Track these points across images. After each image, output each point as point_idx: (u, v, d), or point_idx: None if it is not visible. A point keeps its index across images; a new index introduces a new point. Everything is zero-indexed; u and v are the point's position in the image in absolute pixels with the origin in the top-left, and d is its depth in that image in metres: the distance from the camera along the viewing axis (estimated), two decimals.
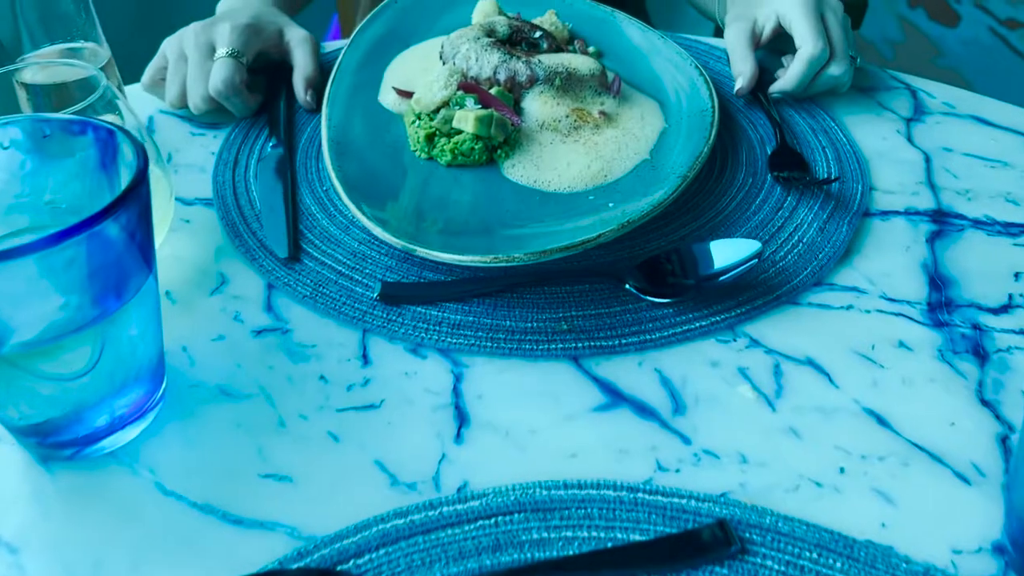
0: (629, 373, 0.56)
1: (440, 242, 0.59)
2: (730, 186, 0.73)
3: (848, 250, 0.66)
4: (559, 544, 0.45)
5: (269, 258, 0.65)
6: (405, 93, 0.78)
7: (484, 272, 0.61)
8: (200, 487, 0.49)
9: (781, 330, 0.59)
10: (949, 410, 0.54)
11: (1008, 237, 0.67)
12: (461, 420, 0.53)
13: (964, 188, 0.72)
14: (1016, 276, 0.63)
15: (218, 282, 0.63)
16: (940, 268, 0.64)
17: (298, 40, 0.83)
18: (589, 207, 0.67)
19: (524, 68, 0.76)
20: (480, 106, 0.73)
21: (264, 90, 0.84)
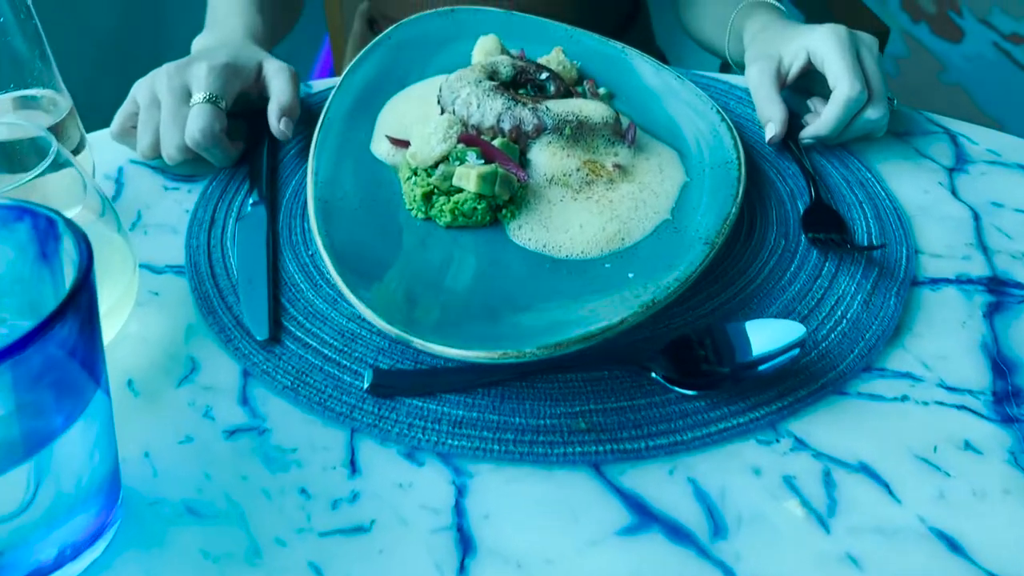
0: (659, 484, 0.49)
1: (440, 329, 0.52)
2: (761, 249, 0.65)
3: (898, 327, 0.59)
4: None
5: (246, 339, 0.57)
6: (400, 142, 0.71)
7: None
8: None
9: (829, 428, 0.52)
10: None
11: None
12: (465, 547, 0.45)
13: (1020, 251, 0.65)
14: None
15: (187, 369, 0.55)
16: (1003, 349, 0.57)
17: (275, 70, 0.76)
18: (606, 278, 0.60)
19: (530, 116, 0.69)
20: (483, 161, 0.66)
21: (246, 136, 0.77)
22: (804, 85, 0.80)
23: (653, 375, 0.54)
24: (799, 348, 0.52)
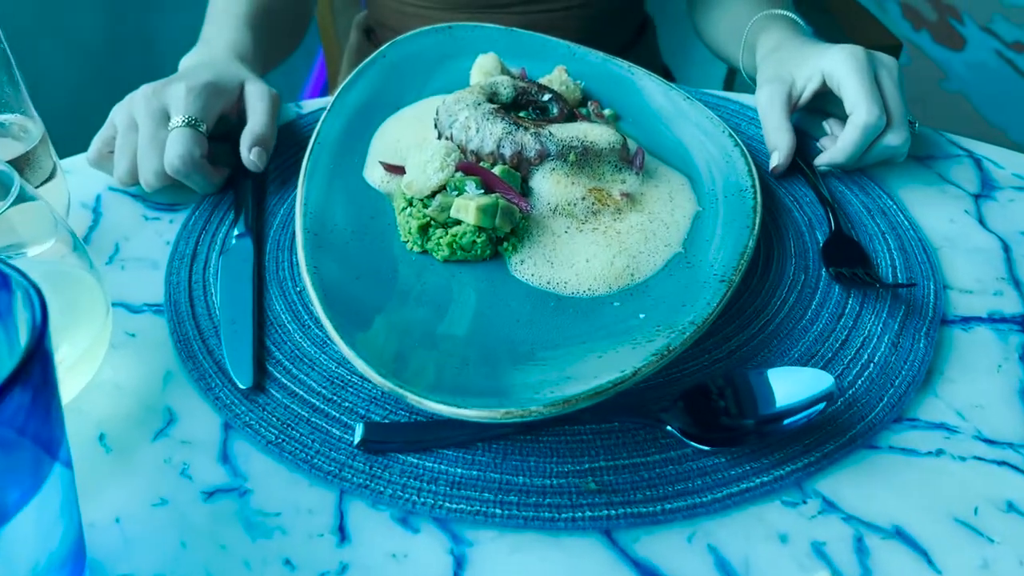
0: (677, 553, 0.44)
1: (437, 383, 0.48)
2: (779, 284, 0.61)
3: (929, 371, 0.55)
4: None
5: (228, 387, 0.53)
6: (395, 168, 0.67)
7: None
8: None
9: (860, 487, 0.48)
10: None
11: None
12: None
13: None
14: None
15: (164, 421, 0.51)
16: None
17: (255, 94, 0.71)
18: (615, 319, 0.55)
19: (533, 141, 0.65)
20: (482, 191, 0.62)
21: (231, 160, 0.72)
22: (819, 105, 0.76)
23: (668, 428, 0.50)
24: (825, 402, 0.47)
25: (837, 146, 0.68)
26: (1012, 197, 0.70)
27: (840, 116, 0.72)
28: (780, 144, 0.70)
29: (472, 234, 0.60)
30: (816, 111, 0.77)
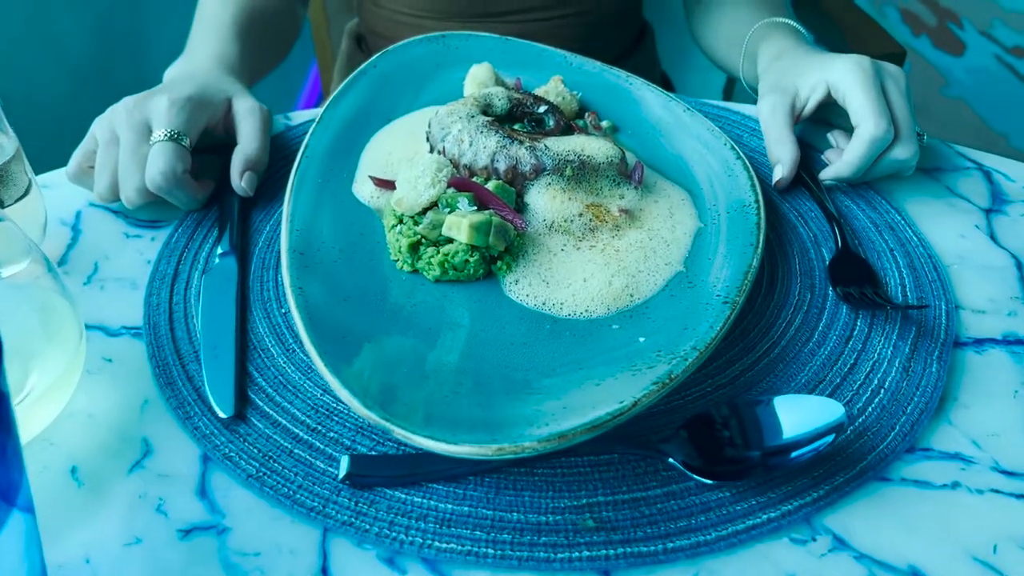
0: None
1: (427, 417, 0.45)
2: (784, 305, 0.59)
3: (942, 397, 0.52)
4: None
5: (207, 416, 0.51)
6: (385, 183, 0.65)
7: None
8: None
9: (871, 522, 0.45)
10: None
11: None
12: None
13: None
14: None
15: (140, 452, 0.49)
16: None
17: (244, 111, 0.69)
18: (613, 343, 0.53)
19: (528, 155, 0.62)
20: (475, 207, 0.59)
21: (217, 173, 0.70)
22: (823, 116, 0.74)
23: (670, 460, 0.47)
24: (836, 433, 0.45)
25: (843, 160, 0.66)
26: None
27: (845, 128, 0.70)
28: (783, 157, 0.68)
29: (464, 253, 0.57)
30: (820, 122, 0.75)
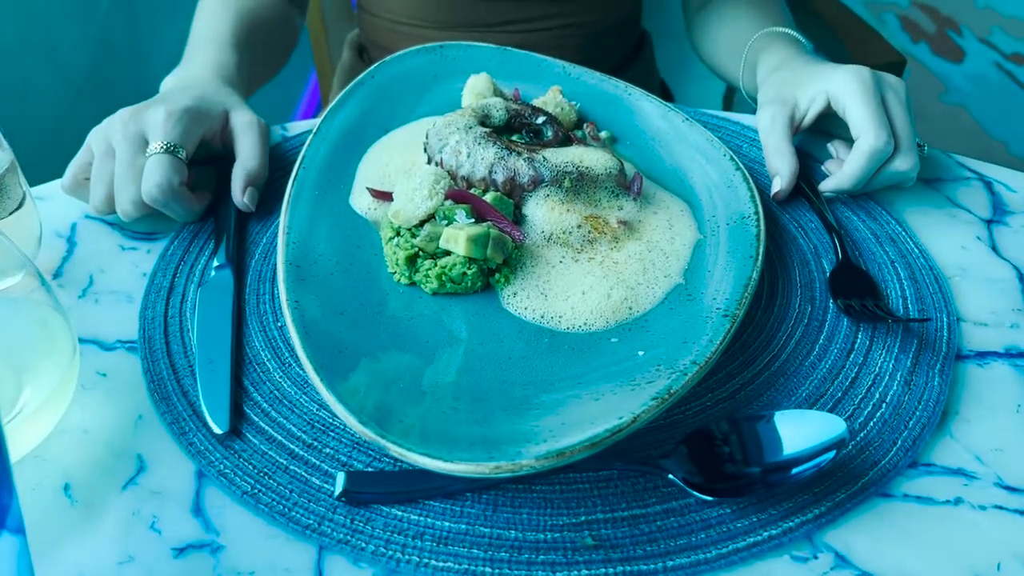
0: None
1: (423, 434, 0.44)
2: (785, 317, 0.59)
3: (944, 411, 0.52)
4: None
5: (202, 432, 0.50)
6: (382, 194, 0.64)
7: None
8: None
9: (874, 539, 0.45)
10: None
11: None
12: None
13: None
14: None
15: (135, 468, 0.48)
16: None
17: (242, 125, 0.68)
18: (613, 357, 0.53)
19: (526, 167, 0.62)
20: (473, 219, 0.59)
21: (214, 185, 0.70)
22: (823, 126, 0.73)
23: (670, 476, 0.47)
24: (837, 450, 0.44)
25: (843, 172, 0.65)
26: None
27: (845, 138, 0.70)
28: (782, 169, 0.67)
29: (462, 265, 0.57)
30: (820, 132, 0.74)
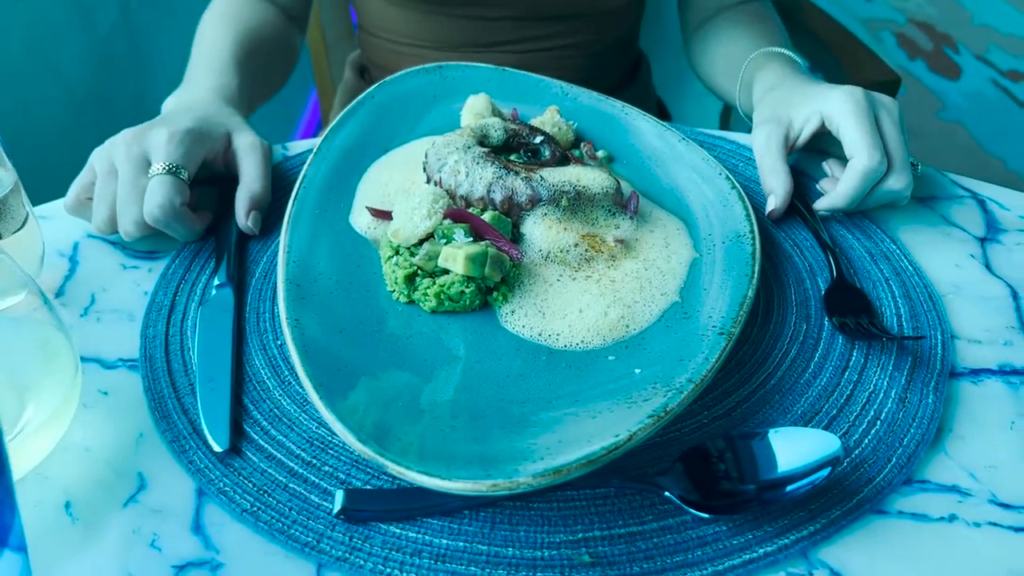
0: None
1: (422, 452, 0.45)
2: (780, 335, 0.59)
3: (939, 428, 0.52)
4: None
5: (202, 450, 0.50)
6: (382, 213, 0.65)
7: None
8: None
9: (869, 556, 0.45)
10: None
11: None
12: None
13: None
14: None
15: (135, 486, 0.49)
16: None
17: (245, 148, 0.69)
18: (610, 375, 0.53)
19: (524, 186, 0.63)
20: (471, 238, 0.59)
21: (215, 204, 0.70)
22: (818, 145, 0.74)
23: (667, 493, 0.47)
24: (831, 467, 0.45)
25: (837, 191, 0.66)
26: (1019, 240, 0.67)
27: (840, 156, 0.70)
28: (776, 188, 0.68)
29: (460, 284, 0.58)
30: (815, 151, 0.75)
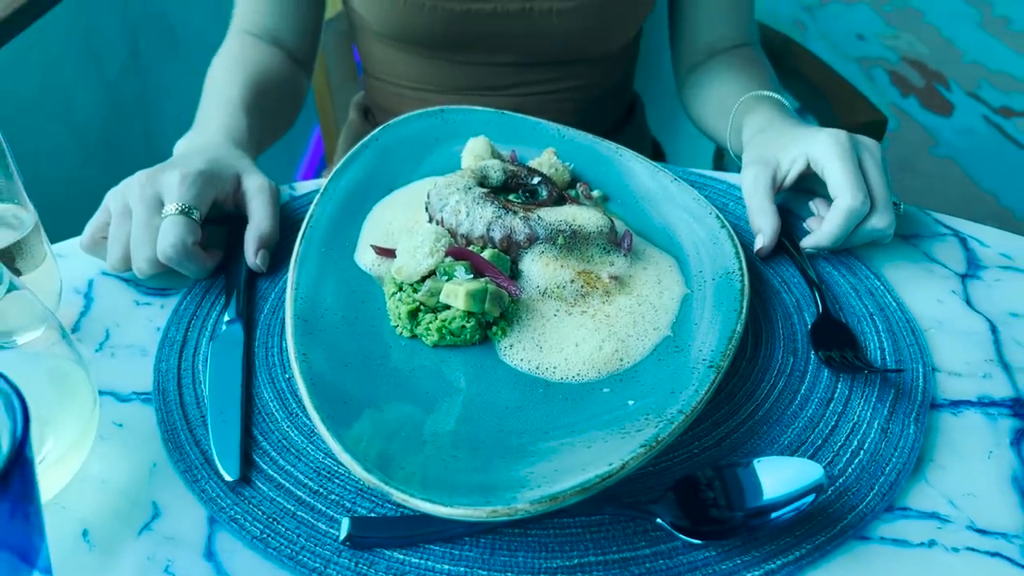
0: None
1: (424, 480, 0.47)
2: (768, 368, 0.61)
3: (919, 458, 0.54)
4: None
5: (214, 480, 0.53)
6: (386, 251, 0.68)
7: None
8: None
9: None
10: None
11: None
12: None
13: None
14: None
15: (150, 515, 0.51)
16: None
17: (255, 190, 0.72)
18: (604, 406, 0.55)
19: (522, 225, 0.66)
20: (472, 275, 0.62)
21: (224, 242, 0.73)
22: (805, 185, 0.77)
23: (659, 520, 0.49)
24: (815, 494, 0.47)
25: (822, 230, 0.69)
26: (998, 277, 0.70)
27: (826, 196, 0.73)
28: (764, 227, 0.71)
29: (461, 319, 0.60)
30: (802, 191, 0.78)
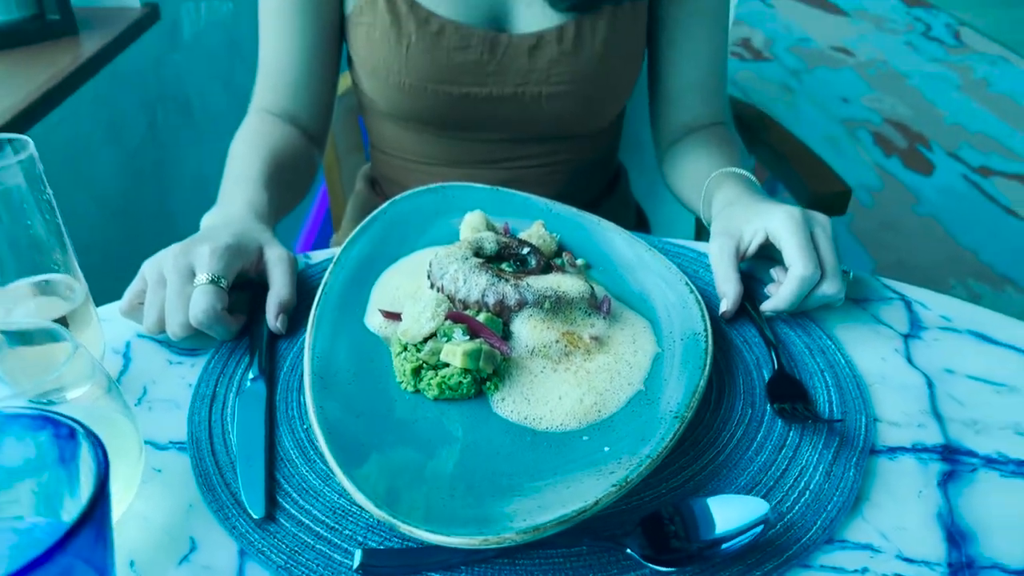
0: None
1: (427, 514, 0.55)
2: (729, 419, 0.70)
3: (858, 497, 0.62)
4: None
5: (243, 517, 0.60)
6: (392, 315, 0.76)
7: None
8: None
9: None
10: None
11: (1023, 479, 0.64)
12: None
13: (971, 419, 0.70)
14: None
15: (188, 548, 0.59)
16: (956, 519, 0.61)
17: (275, 260, 0.81)
18: (583, 452, 0.64)
19: (513, 292, 0.74)
20: (468, 337, 0.71)
21: (248, 307, 0.82)
22: (768, 253, 0.86)
23: (628, 551, 0.57)
24: (763, 525, 0.55)
25: (778, 295, 0.78)
26: (937, 336, 0.79)
27: (785, 265, 0.82)
28: (728, 292, 0.80)
29: (459, 375, 0.68)
30: (765, 258, 0.87)
